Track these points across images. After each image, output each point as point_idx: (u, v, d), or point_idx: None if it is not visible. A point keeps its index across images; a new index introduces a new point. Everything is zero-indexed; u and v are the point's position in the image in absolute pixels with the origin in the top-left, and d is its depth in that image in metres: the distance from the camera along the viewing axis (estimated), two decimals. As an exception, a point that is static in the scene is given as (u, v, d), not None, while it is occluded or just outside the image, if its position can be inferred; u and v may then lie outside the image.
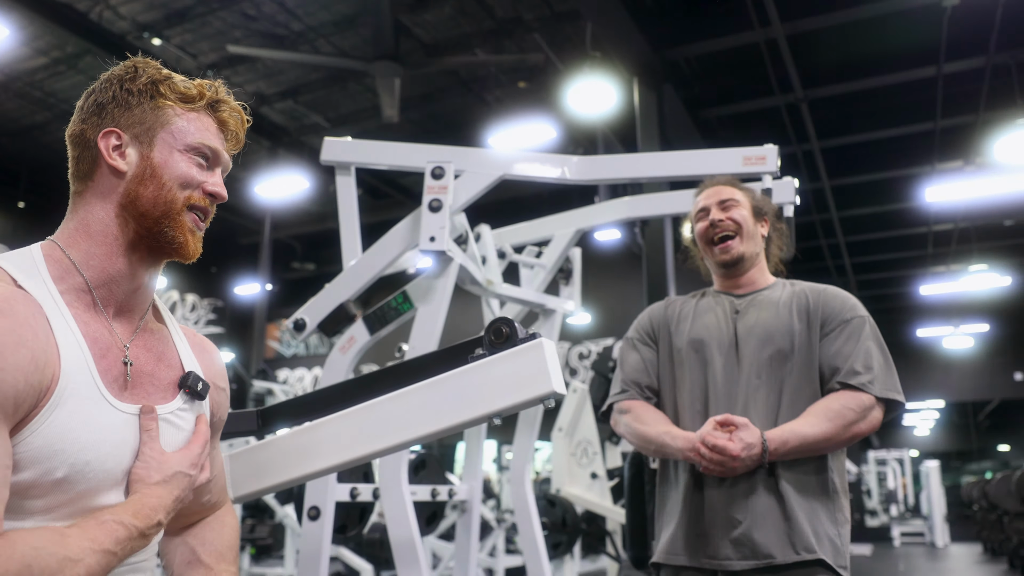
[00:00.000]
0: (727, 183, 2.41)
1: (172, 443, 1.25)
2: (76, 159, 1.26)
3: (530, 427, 3.24)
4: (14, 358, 1.01)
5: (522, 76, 10.27)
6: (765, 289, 2.33)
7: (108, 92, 1.25)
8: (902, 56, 8.28)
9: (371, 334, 2.65)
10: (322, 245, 16.72)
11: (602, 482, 4.54)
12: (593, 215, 3.36)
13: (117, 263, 1.22)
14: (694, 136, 9.34)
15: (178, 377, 1.30)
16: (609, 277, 12.66)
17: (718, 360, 2.22)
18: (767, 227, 2.39)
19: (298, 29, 9.37)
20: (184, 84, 1.29)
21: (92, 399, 1.12)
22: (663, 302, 2.49)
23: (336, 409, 1.68)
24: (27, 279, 1.13)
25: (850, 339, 2.17)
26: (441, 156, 2.65)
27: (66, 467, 1.07)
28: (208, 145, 1.28)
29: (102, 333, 1.19)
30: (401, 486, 2.51)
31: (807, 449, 2.06)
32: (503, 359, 1.51)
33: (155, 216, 1.23)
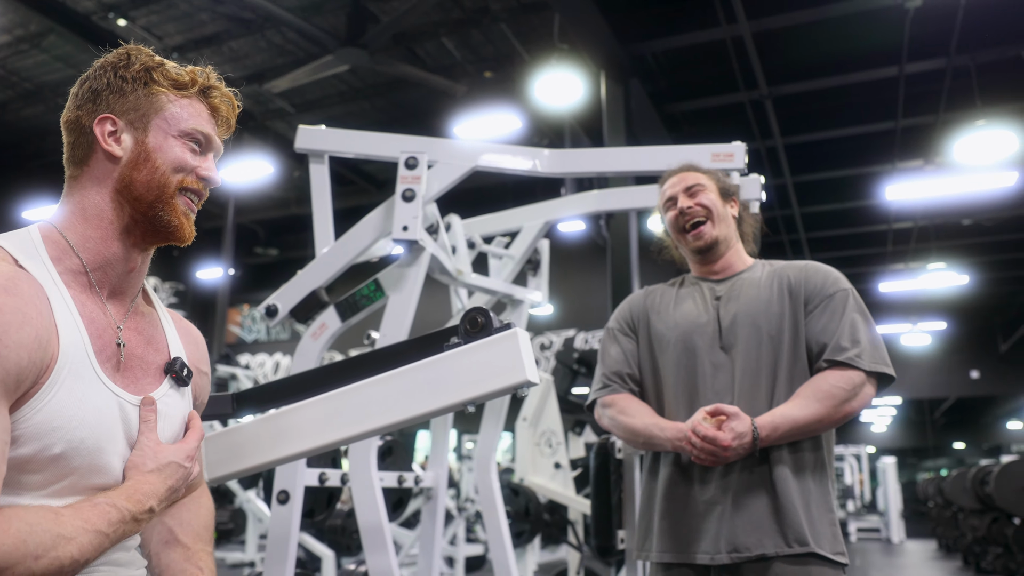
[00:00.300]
0: (690, 168, 2.39)
1: (161, 429, 1.27)
2: (71, 145, 1.29)
3: (496, 417, 3.27)
4: (18, 335, 1.04)
5: (489, 66, 10.27)
6: (744, 272, 2.30)
7: (103, 79, 1.27)
8: (865, 56, 8.41)
9: (342, 321, 2.67)
10: (285, 230, 16.59)
11: (565, 472, 4.60)
12: (562, 207, 3.39)
13: (112, 246, 1.24)
14: (660, 131, 9.42)
15: (165, 362, 1.32)
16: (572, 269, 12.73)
17: (703, 349, 2.18)
18: (736, 206, 2.37)
19: (265, 13, 9.28)
20: (176, 71, 1.31)
21: (88, 378, 1.14)
22: (642, 291, 2.46)
23: (312, 394, 1.70)
24: (27, 259, 1.16)
25: (835, 314, 2.12)
26: (415, 146, 2.67)
27: (63, 443, 1.10)
28: (201, 130, 1.31)
29: (97, 314, 1.21)
30: (370, 471, 2.53)
31: (799, 432, 2.03)
32: (478, 348, 1.54)
33: (149, 200, 1.25)
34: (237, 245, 14.78)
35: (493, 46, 9.90)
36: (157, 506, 1.19)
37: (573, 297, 12.77)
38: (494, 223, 3.37)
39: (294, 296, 2.70)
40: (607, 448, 2.69)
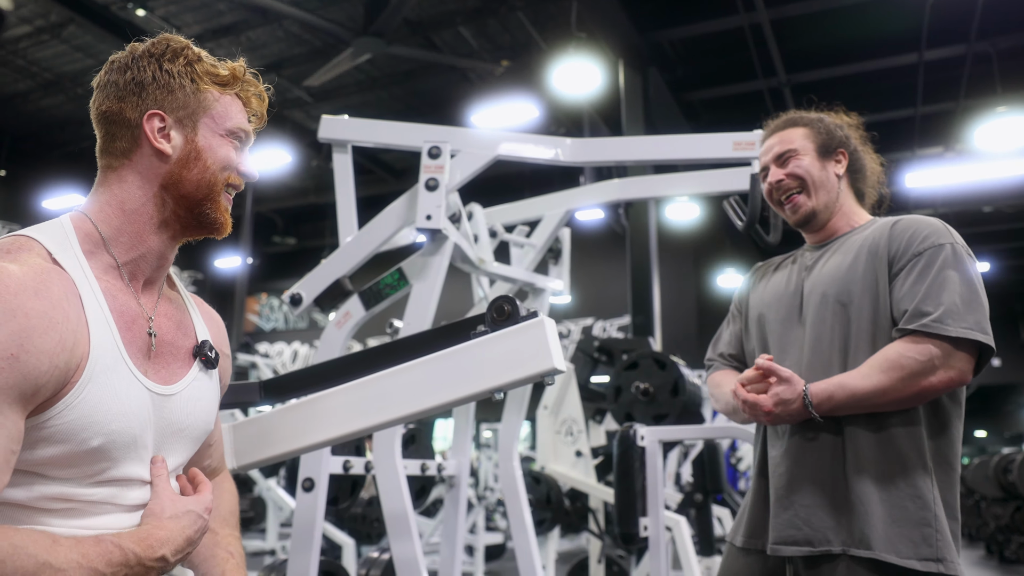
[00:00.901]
0: (785, 126, 2.13)
1: (192, 412, 1.29)
2: (111, 136, 1.27)
3: (519, 405, 3.29)
4: (41, 342, 1.04)
5: (506, 54, 10.26)
6: (846, 235, 2.04)
7: (147, 71, 1.26)
8: (884, 43, 8.35)
9: (366, 310, 2.69)
10: (303, 219, 16.67)
11: (586, 460, 4.61)
12: (583, 196, 3.40)
13: (148, 240, 1.25)
14: (678, 118, 9.39)
15: (193, 345, 1.33)
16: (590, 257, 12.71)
17: (777, 323, 2.02)
18: (845, 160, 2.08)
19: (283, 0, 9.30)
20: (216, 66, 1.32)
21: (119, 372, 1.15)
22: (755, 267, 2.27)
23: (339, 382, 1.72)
24: (61, 252, 1.16)
25: (922, 275, 1.81)
26: (438, 136, 2.68)
27: (101, 436, 1.12)
28: (244, 128, 1.33)
29: (129, 305, 1.22)
30: (395, 459, 2.55)
31: (858, 404, 1.78)
32: (505, 336, 1.55)
33: (198, 198, 1.27)
34: (255, 234, 14.86)
35: (510, 35, 9.89)
36: (171, 556, 1.16)
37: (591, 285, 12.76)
38: (515, 212, 3.37)
39: (318, 285, 2.71)
40: (630, 436, 2.70)
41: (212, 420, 1.37)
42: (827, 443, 1.86)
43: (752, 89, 9.31)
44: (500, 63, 10.30)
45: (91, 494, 1.15)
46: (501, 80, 10.28)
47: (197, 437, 1.33)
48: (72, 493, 1.13)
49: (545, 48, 9.49)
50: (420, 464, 2.98)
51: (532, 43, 9.65)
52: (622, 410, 4.02)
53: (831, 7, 7.69)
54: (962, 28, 7.98)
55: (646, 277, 7.24)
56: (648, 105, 7.95)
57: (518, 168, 11.74)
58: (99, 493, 1.16)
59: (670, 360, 4.02)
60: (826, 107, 2.19)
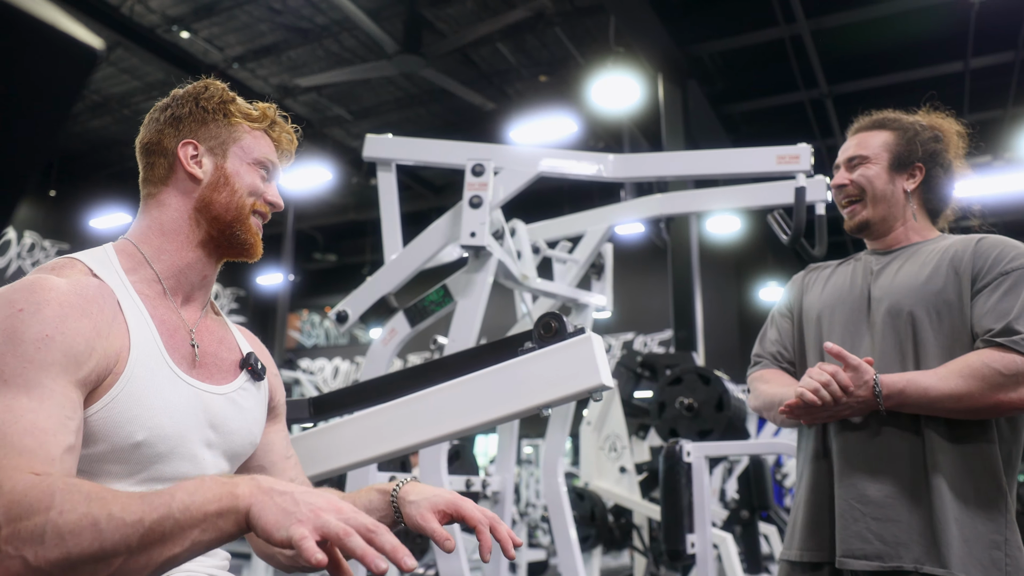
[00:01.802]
0: (869, 127, 2.07)
1: (235, 419, 1.33)
2: (151, 165, 1.39)
3: (563, 421, 3.28)
4: (77, 324, 1.11)
5: (544, 70, 10.29)
6: (916, 245, 1.99)
7: (184, 107, 1.39)
8: (928, 51, 8.24)
9: (412, 326, 2.71)
10: (344, 236, 16.80)
11: (630, 476, 4.58)
12: (625, 211, 3.40)
13: (187, 256, 1.34)
14: (718, 132, 9.34)
15: (238, 359, 1.40)
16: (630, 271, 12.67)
17: (841, 324, 1.94)
18: (920, 175, 2.01)
19: (323, 22, 9.43)
20: (247, 106, 1.44)
21: (162, 371, 1.22)
22: (808, 268, 2.22)
23: (388, 399, 1.74)
24: (101, 269, 1.25)
25: (1010, 293, 1.76)
26: (481, 154, 2.70)
27: (144, 431, 1.17)
28: (270, 159, 1.44)
29: (170, 317, 1.30)
30: (441, 474, 2.56)
31: (931, 406, 1.72)
32: (553, 352, 1.56)
33: (227, 220, 1.36)
34: (296, 251, 15.01)
35: (548, 50, 9.92)
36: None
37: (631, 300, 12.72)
38: (558, 227, 3.38)
39: (364, 302, 2.75)
40: (676, 451, 2.68)
41: (257, 433, 1.41)
42: (904, 455, 1.79)
43: (793, 101, 9.24)
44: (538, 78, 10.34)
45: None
46: (539, 96, 10.31)
47: (243, 447, 1.37)
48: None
49: (583, 63, 9.51)
50: (465, 480, 2.99)
51: (570, 58, 9.67)
52: (666, 426, 4.00)
53: (872, 16, 7.62)
54: (1010, 34, 7.85)
55: (688, 291, 7.20)
56: (688, 118, 7.93)
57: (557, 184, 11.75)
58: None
59: (714, 375, 3.99)
60: (940, 107, 2.09)
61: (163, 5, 9.24)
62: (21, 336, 1.06)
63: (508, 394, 1.58)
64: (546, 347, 1.58)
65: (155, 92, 11.05)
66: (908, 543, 1.73)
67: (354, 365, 17.40)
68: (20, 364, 1.05)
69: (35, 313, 1.09)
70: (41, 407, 1.04)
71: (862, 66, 8.61)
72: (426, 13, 8.99)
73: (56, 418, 1.05)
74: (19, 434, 1.00)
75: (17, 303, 1.09)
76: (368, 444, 1.73)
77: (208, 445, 1.28)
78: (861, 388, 1.74)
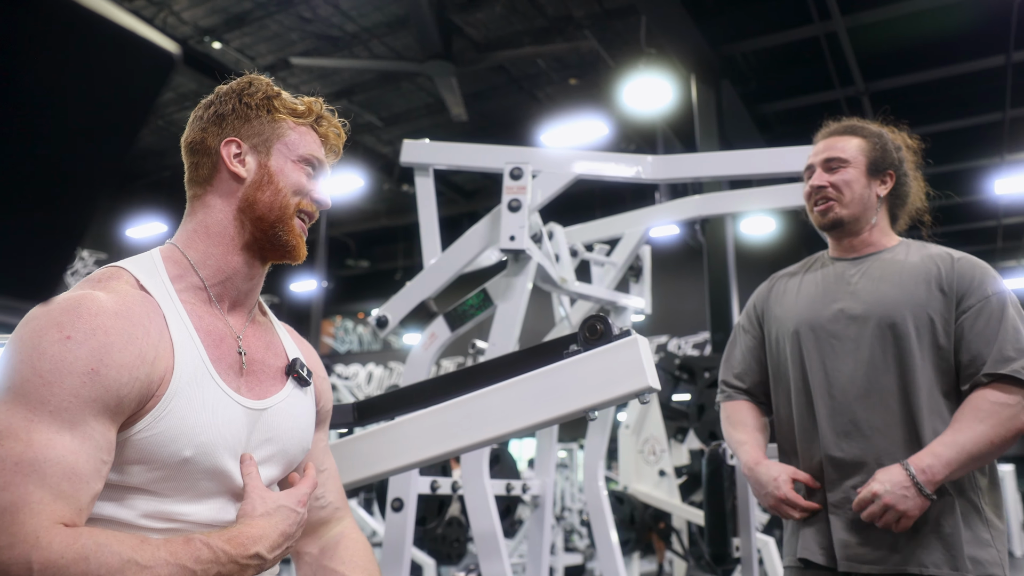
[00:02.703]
0: (843, 132, 2.11)
1: (284, 428, 1.32)
2: (195, 165, 1.34)
3: (603, 425, 3.27)
4: (120, 355, 1.10)
5: (574, 73, 10.28)
6: (885, 252, 2.02)
7: (228, 104, 1.34)
8: (968, 45, 8.09)
9: (452, 331, 2.71)
10: (376, 242, 16.89)
11: (670, 479, 4.54)
12: (662, 213, 3.38)
13: (233, 261, 1.31)
14: (752, 132, 9.27)
15: (284, 365, 1.38)
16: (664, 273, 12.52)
17: (822, 339, 1.95)
18: (891, 182, 2.06)
19: (352, 31, 9.50)
20: (293, 101, 1.39)
21: (207, 386, 1.20)
22: (771, 278, 2.24)
23: (433, 403, 1.73)
24: (148, 278, 1.23)
25: (992, 319, 1.83)
26: (519, 157, 2.69)
27: (191, 447, 1.16)
28: (316, 156, 1.39)
29: (216, 325, 1.28)
30: (483, 479, 2.56)
31: (974, 461, 1.77)
32: (599, 355, 1.55)
33: (271, 220, 1.32)
34: (329, 257, 15.12)
35: (578, 53, 9.91)
36: (267, 552, 1.17)
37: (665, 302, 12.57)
38: (595, 230, 3.37)
39: (403, 307, 2.75)
40: (719, 455, 2.66)
41: (308, 438, 1.39)
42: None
43: (828, 99, 9.13)
44: (569, 81, 10.34)
45: (192, 512, 1.18)
46: (570, 98, 10.30)
47: (294, 454, 1.36)
48: (174, 511, 1.17)
49: (613, 65, 9.48)
50: (505, 484, 2.98)
51: (600, 61, 9.65)
52: (705, 429, 3.97)
53: (909, 11, 7.50)
54: (1053, 27, 7.70)
55: (725, 293, 7.15)
56: (721, 119, 7.88)
57: (589, 186, 11.75)
58: (200, 511, 1.19)
59: (754, 377, 3.95)
60: (893, 121, 2.16)
61: (195, 16, 9.36)
62: (70, 368, 1.06)
63: (555, 397, 1.57)
64: (592, 349, 1.57)
65: (188, 102, 11.20)
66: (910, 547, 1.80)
67: (388, 371, 17.46)
68: (67, 398, 1.04)
69: (83, 343, 1.08)
70: (81, 449, 1.04)
71: (899, 62, 8.48)
72: (455, 18, 9.01)
73: (93, 463, 1.05)
74: (58, 478, 1.01)
75: (65, 328, 1.08)
76: (412, 448, 1.73)
77: (256, 456, 1.27)
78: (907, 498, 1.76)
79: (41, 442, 1.01)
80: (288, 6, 9.09)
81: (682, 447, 5.00)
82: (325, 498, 1.48)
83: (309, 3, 8.99)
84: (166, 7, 9.16)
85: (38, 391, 1.04)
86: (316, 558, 1.44)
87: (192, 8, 9.21)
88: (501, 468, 3.28)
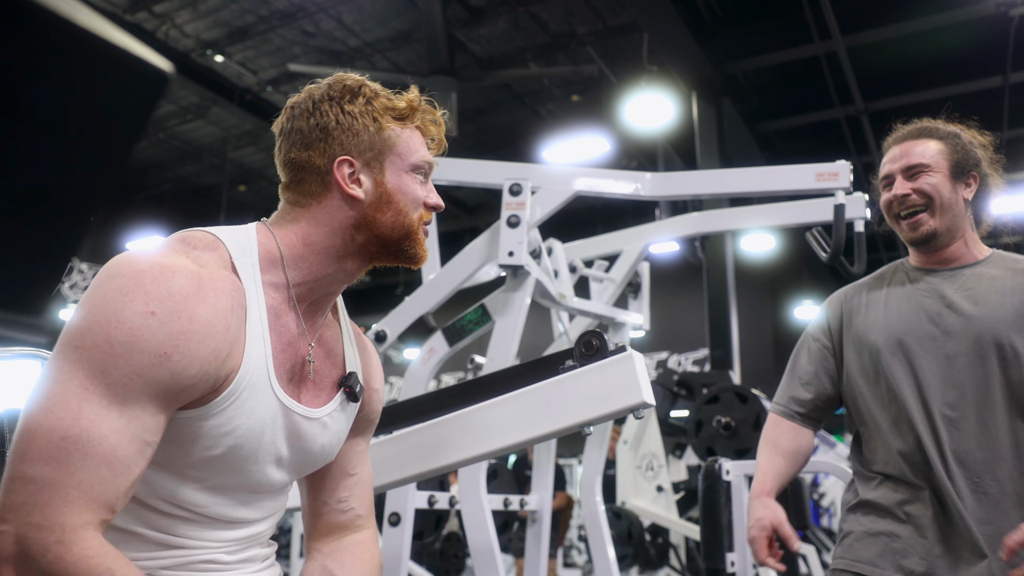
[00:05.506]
0: (920, 136, 1.95)
1: (319, 440, 1.29)
2: (299, 180, 1.27)
3: (600, 441, 3.27)
4: (198, 347, 1.07)
5: (576, 89, 10.32)
6: (979, 265, 1.90)
7: (330, 115, 1.26)
8: (966, 66, 8.14)
9: (450, 346, 2.71)
10: (377, 257, 16.87)
11: (667, 495, 4.54)
12: (661, 230, 3.39)
13: (327, 268, 1.27)
14: (752, 150, 9.30)
15: (339, 376, 1.33)
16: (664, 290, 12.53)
17: (918, 355, 1.82)
18: (975, 184, 1.93)
19: (355, 45, 9.55)
20: (392, 99, 1.32)
21: (263, 390, 1.17)
22: (844, 289, 2.08)
23: (430, 417, 1.74)
24: (241, 260, 1.19)
25: None
26: (518, 173, 2.70)
27: (224, 448, 1.15)
28: (428, 161, 1.32)
29: (289, 327, 1.24)
30: (480, 494, 2.56)
31: None
32: (594, 370, 1.56)
33: (395, 238, 1.28)
34: (331, 271, 15.10)
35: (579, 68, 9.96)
36: None
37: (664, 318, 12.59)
38: (594, 247, 3.38)
39: (403, 322, 2.75)
40: (716, 470, 2.66)
41: (334, 452, 1.36)
42: None
43: (828, 118, 9.17)
44: (571, 98, 10.37)
45: (204, 503, 1.18)
46: (572, 115, 10.34)
47: (316, 464, 1.33)
48: (186, 499, 1.16)
49: (615, 82, 9.52)
50: (503, 499, 2.98)
51: (602, 78, 9.70)
52: (703, 444, 3.97)
53: (909, 32, 7.55)
54: (1049, 48, 7.74)
55: (724, 310, 7.16)
56: (722, 137, 7.92)
57: (590, 203, 11.77)
58: (213, 502, 1.19)
59: (752, 393, 3.95)
60: (959, 120, 2.02)
61: (198, 29, 9.40)
62: (143, 345, 1.03)
63: (550, 412, 1.58)
64: (587, 365, 1.57)
65: (189, 115, 11.22)
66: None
67: (388, 385, 17.44)
68: (129, 375, 1.02)
69: (164, 324, 1.05)
70: (127, 428, 1.02)
71: (898, 82, 8.53)
72: (458, 34, 9.06)
73: (136, 444, 1.04)
74: (98, 460, 1.00)
75: (152, 301, 1.05)
76: (409, 462, 1.73)
77: (278, 463, 1.24)
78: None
79: (89, 417, 1.00)
80: (291, 20, 9.13)
81: (680, 463, 5.00)
82: (348, 503, 1.43)
83: (312, 17, 9.04)
84: (168, 20, 9.20)
85: (103, 359, 1.02)
86: (323, 556, 1.42)
87: (194, 21, 9.25)
88: (499, 483, 3.28)
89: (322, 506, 1.40)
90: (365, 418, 1.44)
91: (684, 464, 4.99)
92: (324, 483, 1.41)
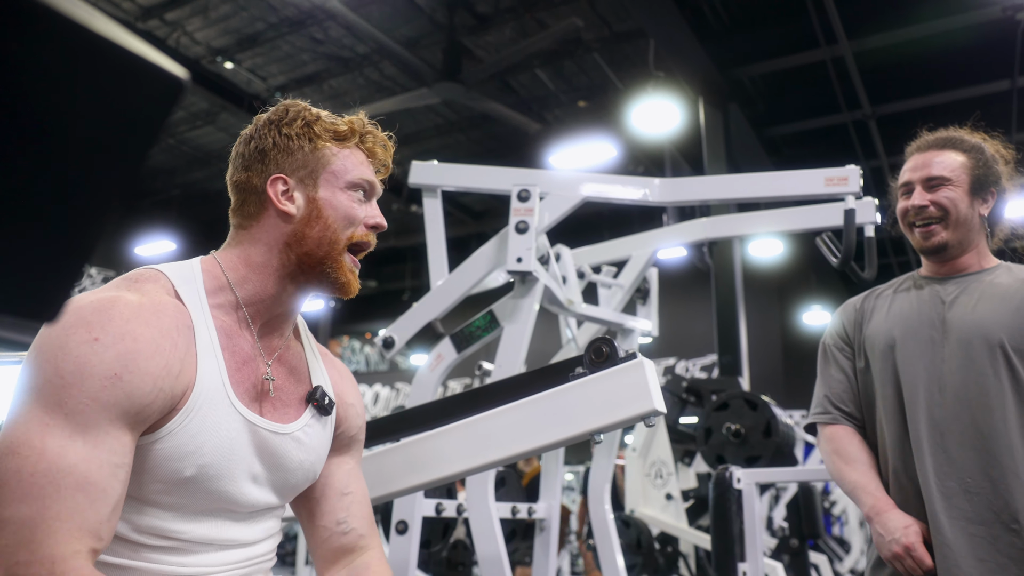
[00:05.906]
0: (941, 146, 1.98)
1: (297, 459, 1.30)
2: (242, 202, 1.32)
3: (608, 448, 3.25)
4: (147, 364, 1.09)
5: (583, 95, 10.32)
6: (983, 273, 1.94)
7: (267, 138, 1.31)
8: (974, 70, 8.13)
9: (458, 352, 2.70)
10: (384, 262, 16.90)
11: (677, 503, 4.51)
12: (670, 236, 3.38)
13: (272, 288, 1.29)
14: (759, 155, 9.29)
15: (306, 392, 1.35)
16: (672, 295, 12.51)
17: (916, 357, 1.86)
18: (992, 200, 1.97)
19: (363, 52, 9.57)
20: (334, 122, 1.35)
21: (222, 407, 1.18)
22: (859, 296, 2.12)
23: (438, 425, 1.73)
24: (184, 287, 1.22)
25: None
26: (527, 179, 2.69)
27: (194, 468, 1.15)
28: (366, 179, 1.35)
29: (242, 346, 1.26)
30: (488, 502, 2.54)
31: None
32: (604, 377, 1.55)
33: (319, 256, 1.29)
34: (338, 278, 15.11)
35: (587, 76, 9.96)
36: None
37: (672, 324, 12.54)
38: (602, 252, 3.37)
39: (410, 328, 2.74)
40: (726, 478, 2.64)
41: (317, 468, 1.36)
42: None
43: (836, 123, 9.16)
44: (578, 104, 10.38)
45: (188, 530, 1.17)
46: (578, 121, 10.34)
47: (296, 483, 1.33)
48: (169, 528, 1.16)
49: (622, 88, 9.52)
50: (511, 507, 2.97)
51: (608, 84, 9.70)
52: (713, 452, 3.95)
53: (916, 36, 7.54)
54: (1058, 52, 7.72)
55: (732, 316, 7.14)
56: (729, 142, 7.91)
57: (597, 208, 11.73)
58: (196, 529, 1.18)
59: (761, 400, 3.93)
60: (984, 127, 2.04)
61: (208, 37, 9.44)
62: (92, 371, 1.04)
63: (560, 420, 1.57)
64: (598, 372, 1.57)
65: (199, 121, 11.28)
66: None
67: (394, 391, 17.44)
68: (84, 401, 1.03)
69: (110, 347, 1.06)
70: (94, 454, 1.03)
71: (906, 86, 8.51)
72: (465, 40, 9.07)
73: (107, 468, 1.04)
74: (72, 489, 1.00)
75: (94, 329, 1.06)
76: (418, 471, 1.72)
77: (254, 480, 1.24)
78: None
79: (54, 450, 1.01)
80: (300, 27, 9.16)
81: (689, 470, 4.97)
82: (348, 523, 1.42)
83: (321, 25, 9.06)
84: (179, 27, 9.24)
85: (57, 392, 1.03)
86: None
87: (205, 28, 9.30)
88: (507, 491, 3.27)
89: (323, 532, 1.40)
90: (345, 434, 1.45)
91: (694, 472, 4.97)
92: (320, 507, 1.41)
